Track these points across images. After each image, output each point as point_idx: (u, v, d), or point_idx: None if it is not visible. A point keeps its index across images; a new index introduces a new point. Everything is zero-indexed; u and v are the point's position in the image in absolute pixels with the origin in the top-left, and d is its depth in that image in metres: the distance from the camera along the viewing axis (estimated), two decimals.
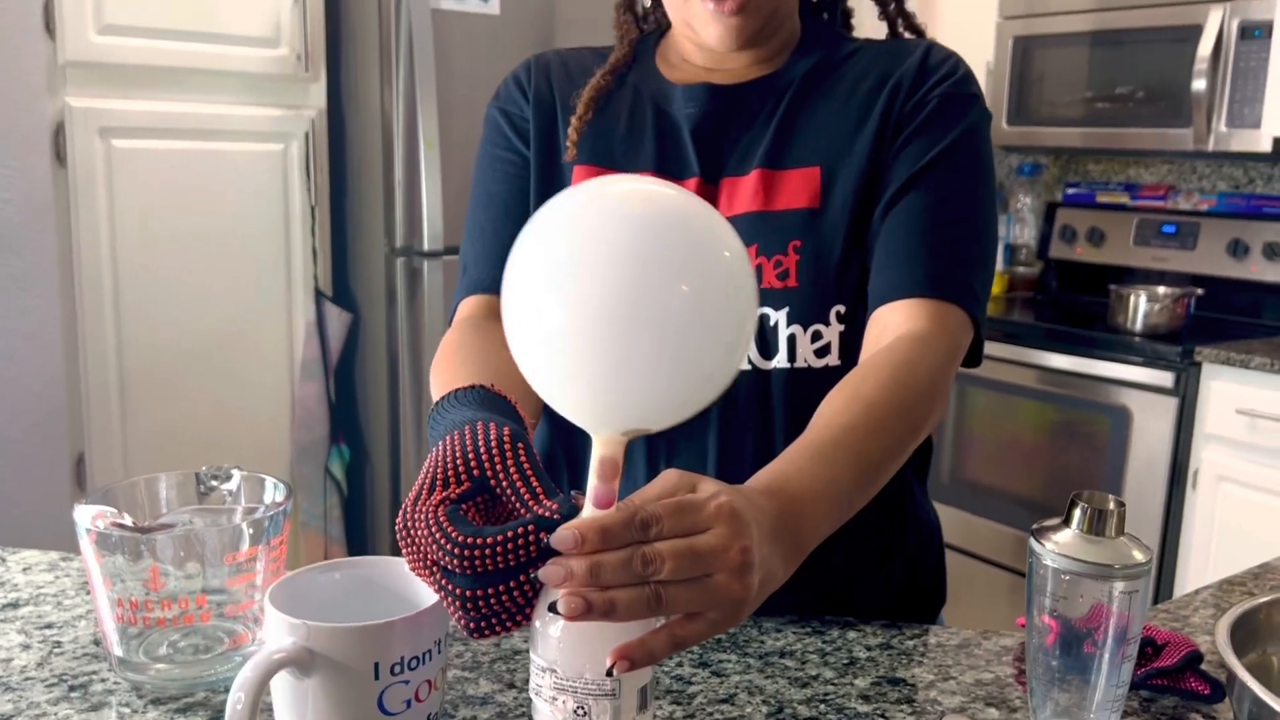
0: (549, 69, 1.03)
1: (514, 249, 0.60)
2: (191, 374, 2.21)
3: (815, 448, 0.72)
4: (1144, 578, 0.74)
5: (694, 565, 0.56)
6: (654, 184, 0.61)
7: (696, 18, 0.92)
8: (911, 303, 0.87)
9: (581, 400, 0.58)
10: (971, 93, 0.95)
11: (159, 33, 2.07)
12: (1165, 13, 2.83)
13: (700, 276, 0.56)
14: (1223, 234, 3.03)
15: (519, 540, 0.57)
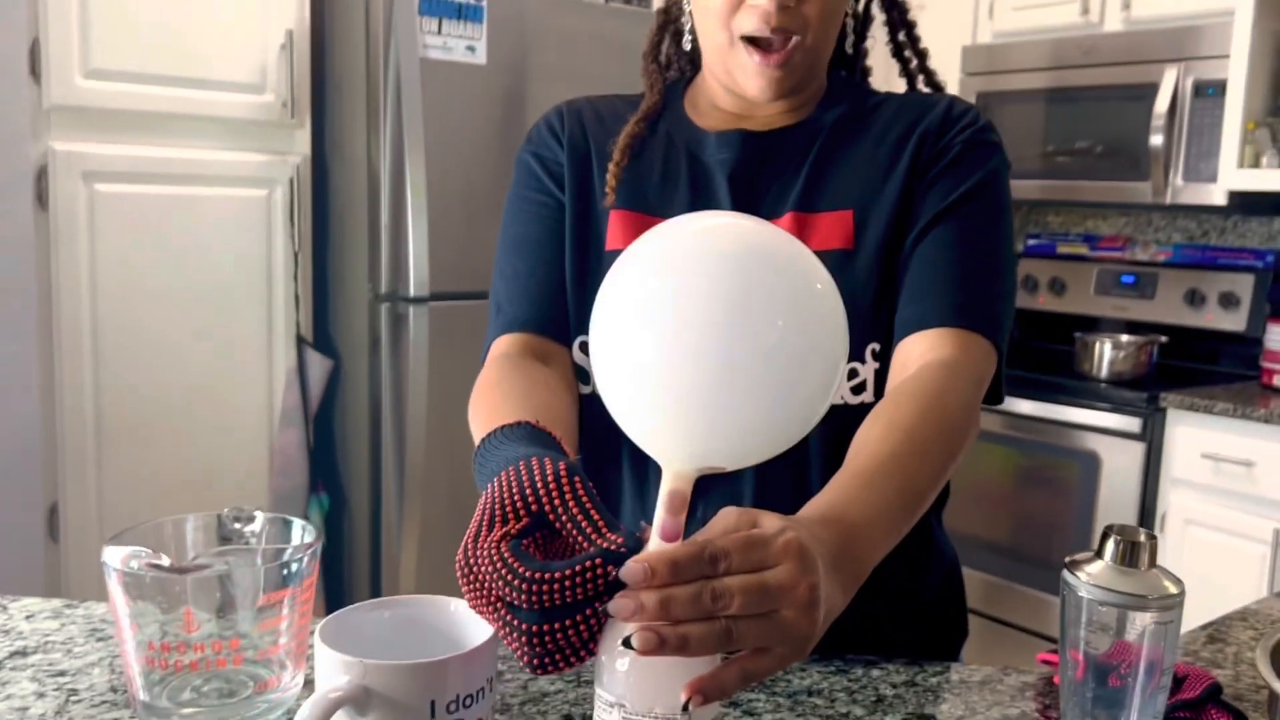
0: (581, 115, 1.05)
1: (606, 281, 0.61)
2: (169, 421, 2.17)
3: (864, 476, 0.74)
4: (1177, 609, 0.76)
5: (763, 601, 0.57)
6: (746, 219, 0.62)
7: (739, 69, 0.94)
8: (937, 332, 0.89)
9: (665, 434, 0.59)
10: (993, 141, 0.98)
11: (145, 78, 2.07)
12: (1123, 71, 2.93)
13: (795, 312, 0.57)
14: (1180, 284, 3.12)
15: (586, 574, 0.58)
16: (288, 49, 2.20)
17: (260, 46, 2.20)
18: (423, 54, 2.15)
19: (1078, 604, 0.77)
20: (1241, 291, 2.99)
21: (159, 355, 2.15)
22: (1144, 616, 0.75)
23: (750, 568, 0.57)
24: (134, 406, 2.13)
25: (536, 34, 2.32)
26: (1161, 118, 2.82)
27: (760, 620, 0.57)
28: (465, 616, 0.73)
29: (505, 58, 2.26)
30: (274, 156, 2.25)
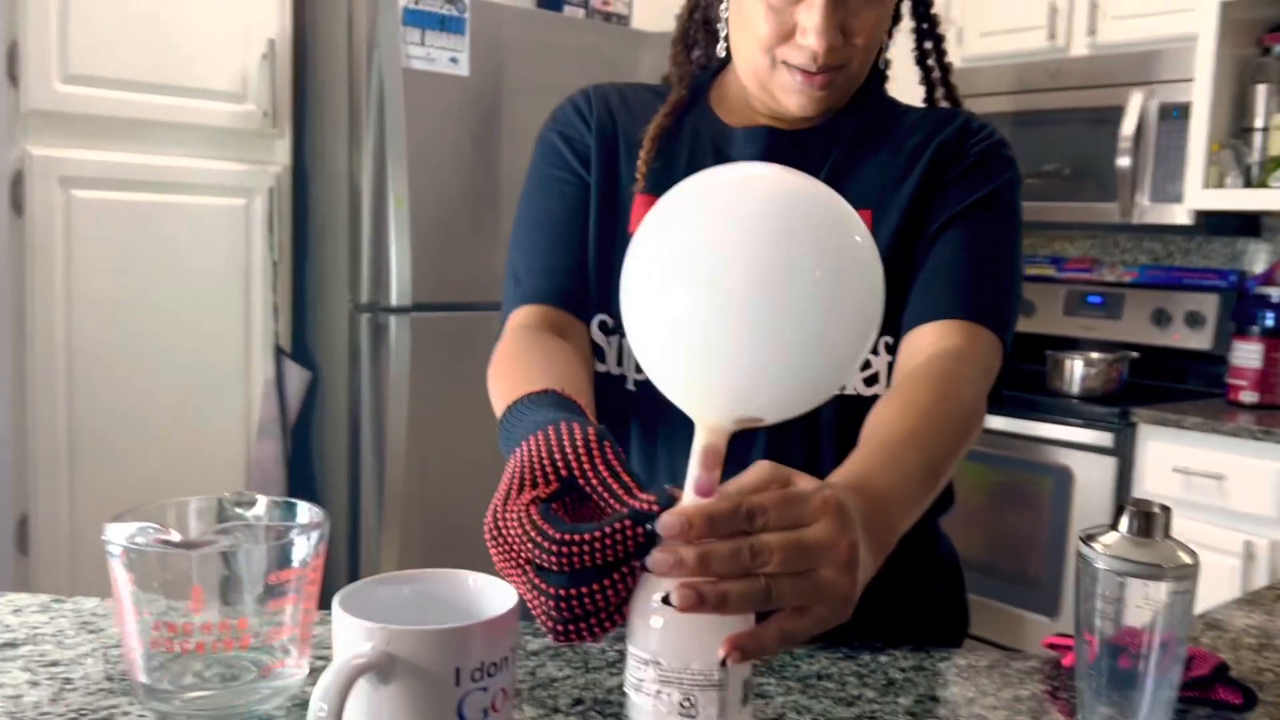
0: (608, 100, 1.05)
1: (639, 233, 0.60)
2: (144, 432, 2.14)
3: (885, 449, 0.74)
4: (1191, 579, 0.76)
5: (802, 559, 0.57)
6: (782, 170, 0.62)
7: (780, 87, 0.94)
8: (946, 323, 0.91)
9: (701, 386, 0.59)
10: (1008, 155, 1.00)
11: (125, 84, 2.05)
12: (1089, 95, 3.00)
13: (833, 260, 0.57)
14: (1146, 304, 3.18)
15: (617, 535, 0.57)
16: (269, 58, 2.19)
17: (242, 55, 2.19)
18: (406, 64, 2.15)
19: (1093, 576, 0.78)
20: (1207, 311, 3.05)
21: (134, 365, 2.12)
22: (1159, 587, 0.75)
23: (788, 524, 0.57)
24: (108, 417, 2.09)
25: (519, 47, 2.33)
26: (1128, 140, 2.88)
27: (799, 579, 0.57)
28: (484, 590, 0.72)
29: (488, 69, 2.27)
30: (254, 165, 2.24)
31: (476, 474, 2.33)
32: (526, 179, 1.05)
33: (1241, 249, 3.10)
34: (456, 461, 2.30)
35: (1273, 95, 2.70)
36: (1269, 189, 2.64)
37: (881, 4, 0.92)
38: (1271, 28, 2.81)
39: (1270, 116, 2.70)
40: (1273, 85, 2.71)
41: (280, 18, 2.24)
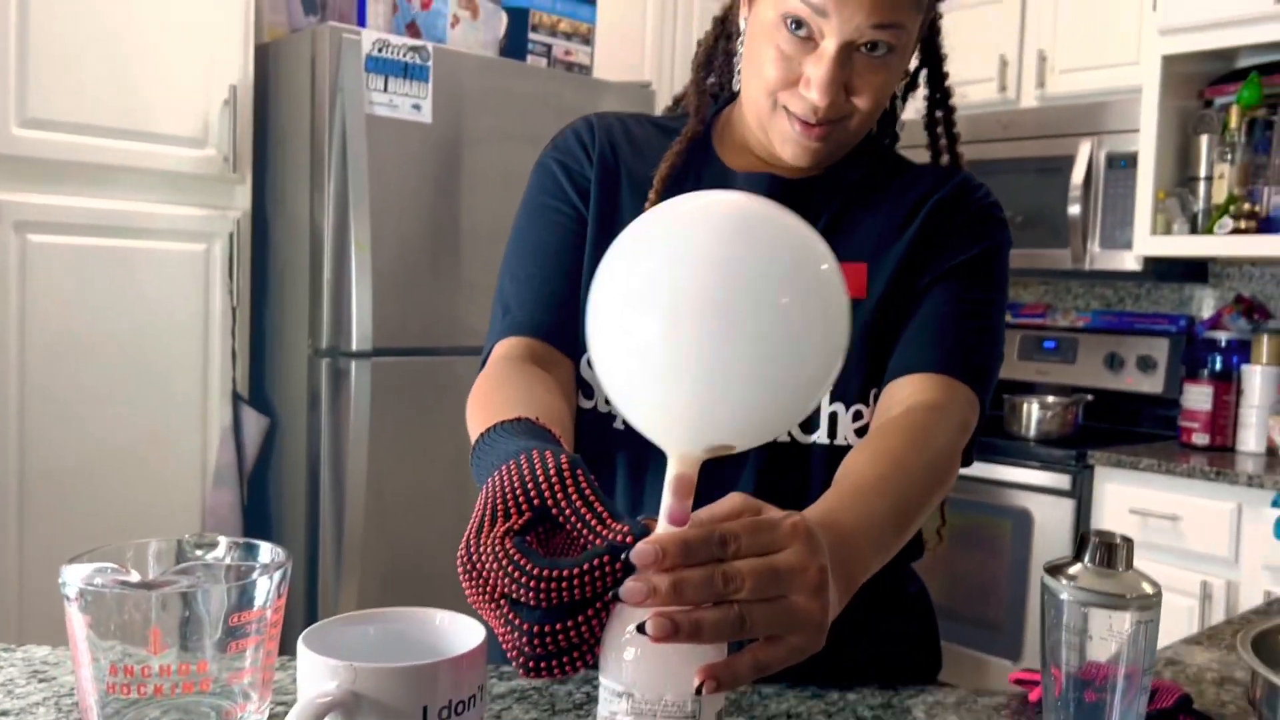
0: (611, 131, 1.04)
1: (603, 262, 0.61)
2: (97, 479, 2.09)
3: (854, 492, 0.75)
4: (1155, 608, 0.77)
5: (774, 584, 0.57)
6: (748, 197, 0.63)
7: (778, 131, 0.95)
8: (925, 376, 0.92)
9: (668, 415, 0.59)
10: (1000, 218, 1.02)
11: (84, 129, 2.04)
12: (1039, 145, 3.08)
13: (798, 288, 0.58)
14: (1099, 349, 3.24)
15: (596, 571, 0.57)
16: (231, 104, 2.19)
17: (203, 101, 2.19)
18: (369, 111, 2.16)
19: (1058, 607, 0.78)
20: (1158, 355, 3.11)
21: (89, 411, 2.08)
22: (1124, 617, 0.76)
23: (759, 550, 0.57)
24: (60, 462, 2.05)
25: (481, 94, 2.35)
26: (1078, 188, 2.95)
27: (771, 605, 0.57)
28: (451, 628, 0.71)
29: (450, 116, 2.28)
30: (214, 211, 2.22)
31: (437, 520, 2.31)
32: (521, 204, 1.04)
33: (1190, 294, 3.17)
34: (416, 508, 2.28)
35: (1215, 145, 2.79)
36: (1213, 235, 2.72)
37: (887, 69, 0.92)
38: (1212, 81, 2.91)
39: (1213, 166, 2.78)
40: (1215, 136, 2.80)
41: (243, 64, 2.24)
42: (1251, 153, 2.73)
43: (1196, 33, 2.72)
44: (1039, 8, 3.18)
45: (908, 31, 0.91)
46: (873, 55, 0.90)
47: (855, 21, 0.87)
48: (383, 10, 2.42)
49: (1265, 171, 2.71)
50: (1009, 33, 3.23)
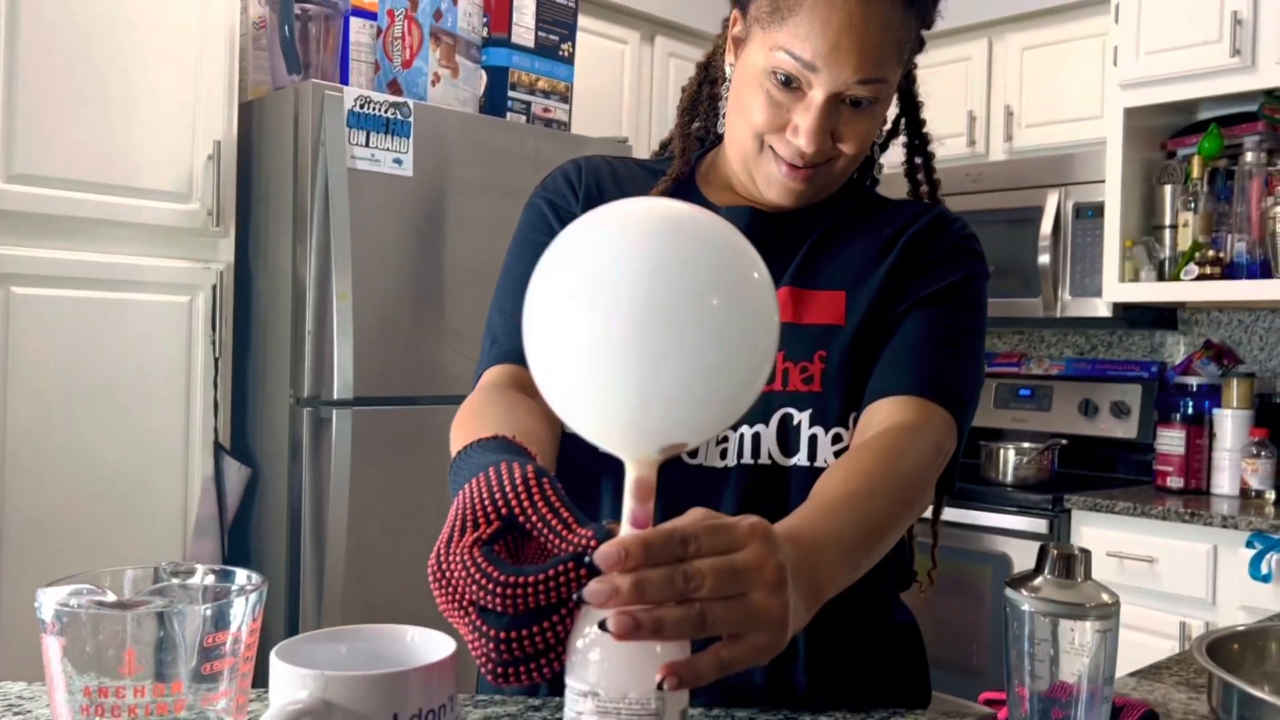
0: (598, 172, 1.08)
1: (537, 270, 0.62)
2: (77, 529, 2.09)
3: (823, 507, 0.76)
4: (1114, 617, 0.80)
5: (734, 581, 0.58)
6: (679, 203, 0.65)
7: (763, 172, 0.99)
8: (903, 398, 0.94)
9: (614, 418, 0.60)
10: (976, 250, 1.05)
11: (70, 183, 2.07)
12: (1009, 196, 3.14)
13: (729, 289, 0.60)
14: (1074, 395, 3.28)
15: (560, 578, 0.59)
16: (215, 159, 2.23)
17: (188, 156, 2.22)
18: (350, 165, 2.20)
19: (1020, 619, 0.80)
20: (1131, 401, 3.15)
21: (70, 461, 2.08)
22: (1085, 626, 0.78)
23: (719, 550, 0.59)
24: (41, 512, 2.04)
25: (461, 148, 2.40)
26: (1047, 238, 3.01)
27: (732, 603, 0.58)
28: (423, 643, 0.72)
29: (431, 170, 2.32)
30: (197, 263, 2.25)
31: (418, 569, 2.30)
32: (511, 242, 1.08)
33: (1160, 341, 3.23)
34: (397, 557, 2.27)
35: (1178, 195, 2.86)
36: (1180, 282, 2.77)
37: (872, 117, 0.96)
38: (1174, 133, 3.00)
39: (1178, 214, 2.85)
40: (1178, 186, 2.87)
41: (227, 121, 2.29)
42: (1214, 201, 2.81)
43: (1156, 86, 2.80)
44: (1005, 65, 3.27)
45: (889, 84, 0.95)
46: (857, 107, 0.94)
47: (843, 77, 0.91)
48: (365, 69, 2.47)
49: (1227, 219, 2.78)
50: (977, 89, 3.33)
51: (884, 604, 1.09)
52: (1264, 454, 2.69)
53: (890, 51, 0.93)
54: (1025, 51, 3.22)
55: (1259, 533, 2.40)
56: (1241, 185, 2.75)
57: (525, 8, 2.61)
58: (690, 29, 3.41)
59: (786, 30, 0.92)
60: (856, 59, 0.91)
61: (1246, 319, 3.05)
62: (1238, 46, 2.63)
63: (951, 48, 3.38)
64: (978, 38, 3.33)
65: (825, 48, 0.90)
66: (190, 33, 2.23)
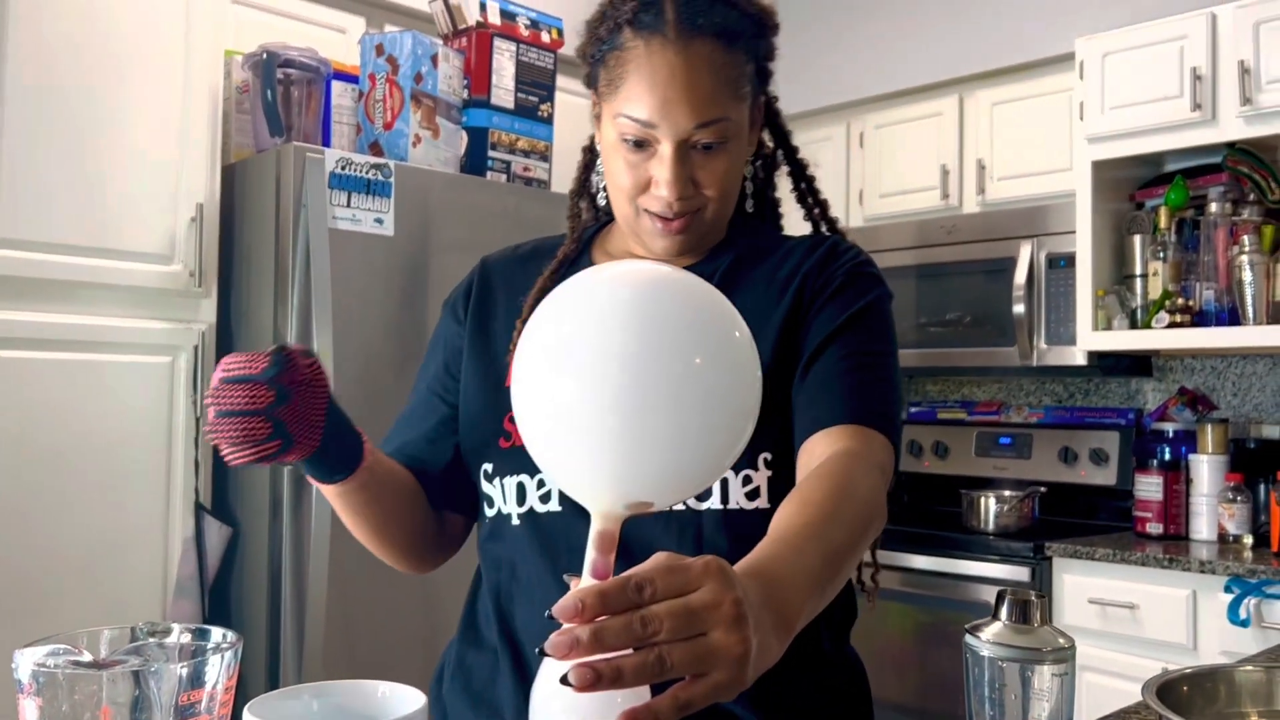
0: (490, 274, 1.18)
1: (526, 329, 0.65)
2: (57, 589, 2.08)
3: (783, 539, 0.77)
4: (1070, 661, 0.81)
5: (691, 622, 0.59)
6: (665, 266, 0.68)
7: (644, 230, 1.05)
8: (838, 429, 0.96)
9: (589, 473, 0.63)
10: (873, 273, 1.09)
11: (52, 247, 2.09)
12: (982, 247, 3.20)
13: (712, 351, 0.62)
14: (1053, 443, 3.31)
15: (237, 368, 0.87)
16: (198, 221, 2.26)
17: (171, 219, 2.25)
18: (332, 225, 2.23)
19: (980, 664, 0.82)
20: (1109, 448, 3.19)
21: (50, 521, 2.08)
22: (1042, 670, 0.80)
23: (674, 593, 0.60)
24: (19, 573, 2.04)
25: (443, 208, 2.44)
26: (1021, 288, 3.06)
27: (691, 644, 0.59)
28: (392, 698, 0.73)
29: (412, 230, 2.36)
30: (179, 324, 2.27)
31: (399, 628, 2.30)
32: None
33: (1137, 388, 3.27)
34: (378, 616, 2.27)
35: (1148, 244, 2.92)
36: (1152, 330, 2.82)
37: (726, 156, 1.01)
38: (1142, 184, 3.06)
39: (1147, 264, 2.91)
40: (1147, 236, 2.93)
41: (209, 183, 2.32)
42: (1182, 250, 2.86)
43: (1121, 140, 2.87)
44: (976, 120, 3.35)
45: (734, 121, 1.01)
46: (709, 150, 1.00)
47: (681, 125, 0.97)
48: (347, 131, 2.52)
49: (1196, 268, 2.84)
50: (949, 144, 3.40)
51: (830, 640, 1.10)
52: (1240, 498, 2.72)
53: (723, 91, 0.98)
54: (995, 107, 3.30)
55: (1236, 577, 2.42)
56: (1208, 235, 2.81)
57: (505, 70, 2.67)
58: None
59: (621, 97, 0.99)
60: (689, 107, 0.97)
61: (1219, 365, 3.09)
62: (1198, 101, 2.71)
63: (924, 103, 3.46)
64: (949, 94, 3.41)
65: (657, 104, 0.97)
66: (174, 97, 2.27)
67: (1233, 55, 2.66)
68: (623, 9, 1.00)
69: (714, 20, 0.98)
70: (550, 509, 1.02)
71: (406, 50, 2.46)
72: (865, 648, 1.16)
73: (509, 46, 2.68)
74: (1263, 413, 3.01)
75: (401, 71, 2.47)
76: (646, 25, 0.98)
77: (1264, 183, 2.79)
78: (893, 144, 3.51)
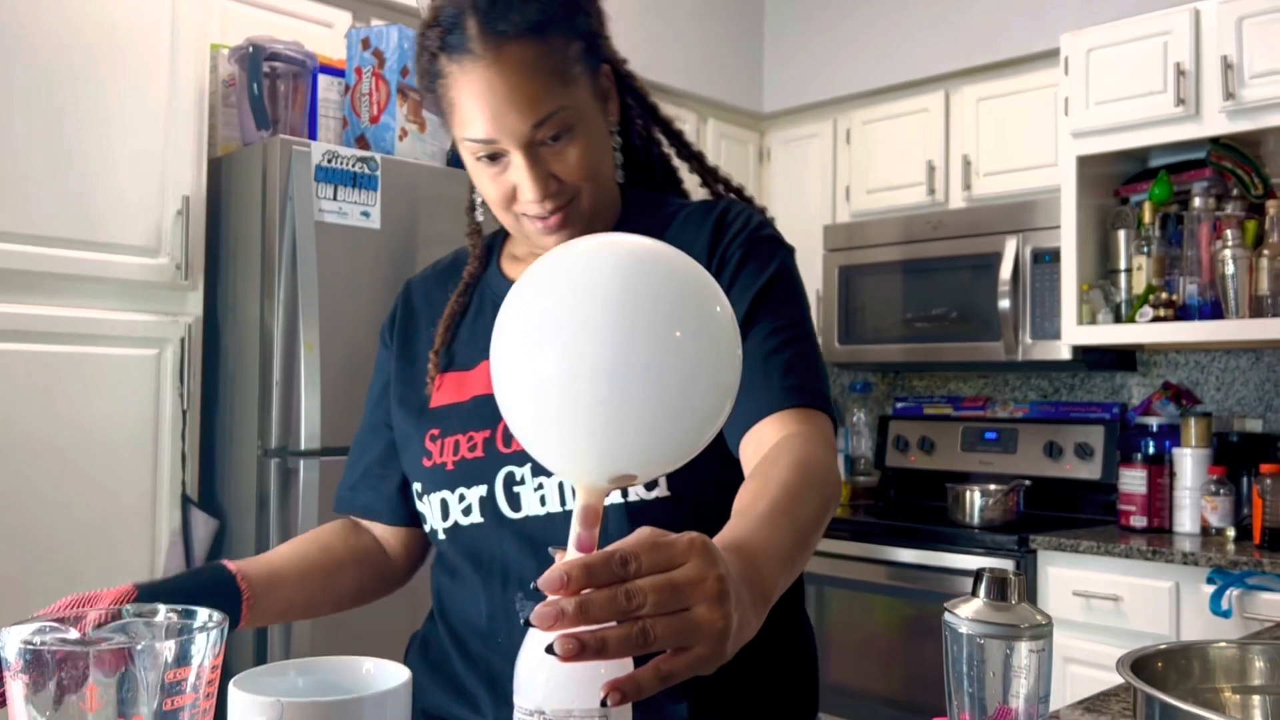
0: (411, 297, 1.22)
1: (506, 301, 0.66)
2: (43, 582, 2.07)
3: (753, 517, 0.78)
4: (1048, 638, 0.82)
5: (674, 597, 0.60)
6: (642, 238, 0.68)
7: (531, 234, 1.06)
8: (779, 415, 0.96)
9: (571, 447, 0.63)
10: (771, 234, 1.08)
11: (38, 239, 2.08)
12: (968, 243, 3.22)
13: (692, 323, 0.62)
14: (1038, 438, 3.33)
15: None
16: (184, 214, 2.26)
17: (157, 212, 2.25)
18: (318, 218, 2.23)
19: (959, 641, 0.83)
20: (1094, 442, 3.21)
21: (36, 515, 2.07)
22: (1020, 647, 0.81)
23: (659, 567, 0.61)
24: (5, 565, 2.03)
25: (429, 201, 2.44)
26: (1006, 283, 3.08)
27: (674, 618, 0.60)
28: (377, 674, 0.74)
29: (399, 222, 2.36)
30: (165, 317, 2.27)
31: (384, 621, 2.30)
32: None
33: (1121, 383, 3.29)
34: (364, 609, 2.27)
35: (1132, 239, 2.94)
36: (1136, 324, 2.84)
37: (579, 141, 1.01)
38: (1126, 180, 3.09)
39: (1132, 259, 2.93)
40: (1131, 231, 2.95)
41: (196, 177, 2.32)
42: (1166, 245, 2.89)
43: (1106, 135, 2.89)
44: (961, 116, 3.37)
45: (572, 107, 1.00)
46: (557, 141, 1.00)
47: (519, 131, 0.98)
48: (333, 125, 2.52)
49: (1179, 263, 2.86)
50: (935, 140, 3.42)
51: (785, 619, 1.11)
52: (1223, 491, 2.74)
53: (549, 83, 0.97)
54: (981, 102, 3.31)
55: (1218, 569, 2.45)
56: (1191, 229, 2.83)
57: None
58: (656, 83, 3.49)
59: (457, 122, 1.00)
60: (518, 112, 0.97)
61: (1203, 359, 3.12)
62: (1182, 96, 2.73)
63: (910, 99, 3.47)
64: (935, 90, 3.43)
65: (489, 119, 0.97)
66: (160, 90, 2.27)
67: (1216, 50, 2.68)
68: (431, 39, 1.01)
69: (515, 20, 0.96)
70: (473, 521, 1.05)
71: (393, 44, 2.47)
72: (851, 640, 1.17)
73: None
74: (1245, 407, 3.03)
75: (388, 65, 2.47)
76: (455, 47, 0.98)
77: (1247, 178, 2.81)
78: (879, 140, 3.53)
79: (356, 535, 1.19)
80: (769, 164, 3.88)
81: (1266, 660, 0.82)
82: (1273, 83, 2.60)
